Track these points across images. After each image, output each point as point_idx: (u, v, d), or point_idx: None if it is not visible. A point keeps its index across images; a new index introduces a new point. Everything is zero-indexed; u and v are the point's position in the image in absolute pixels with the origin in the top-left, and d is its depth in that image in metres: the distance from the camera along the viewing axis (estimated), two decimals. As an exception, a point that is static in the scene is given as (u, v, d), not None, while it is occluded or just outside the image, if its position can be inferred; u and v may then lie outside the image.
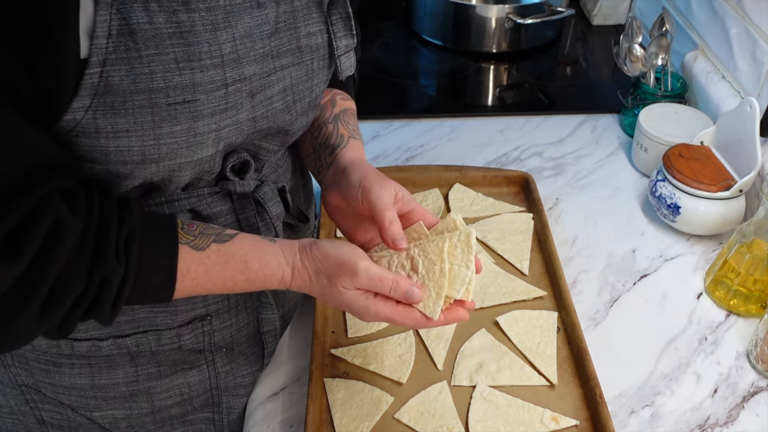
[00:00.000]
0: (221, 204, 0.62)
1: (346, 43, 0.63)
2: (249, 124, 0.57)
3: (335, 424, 0.68)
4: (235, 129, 0.56)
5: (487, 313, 0.79)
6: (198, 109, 0.51)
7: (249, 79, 0.55)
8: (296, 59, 0.59)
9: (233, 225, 0.63)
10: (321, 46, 0.61)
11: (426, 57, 1.36)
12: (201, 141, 0.53)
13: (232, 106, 0.54)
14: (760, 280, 0.78)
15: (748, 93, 0.95)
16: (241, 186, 0.61)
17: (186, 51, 0.49)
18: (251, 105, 0.56)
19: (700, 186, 0.85)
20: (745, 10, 0.94)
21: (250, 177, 0.62)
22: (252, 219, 0.64)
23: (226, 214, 0.63)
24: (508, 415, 0.68)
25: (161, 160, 0.52)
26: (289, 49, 0.58)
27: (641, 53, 1.05)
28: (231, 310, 0.67)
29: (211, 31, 0.50)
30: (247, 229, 0.63)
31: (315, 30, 0.60)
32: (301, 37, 0.59)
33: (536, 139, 1.10)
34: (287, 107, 0.60)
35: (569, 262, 0.88)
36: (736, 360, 0.76)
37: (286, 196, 0.67)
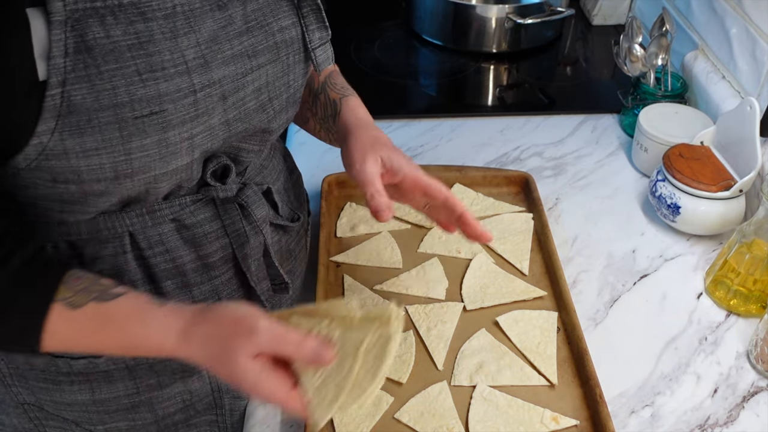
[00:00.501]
0: (205, 211, 0.61)
1: (320, 35, 0.62)
2: (223, 128, 0.56)
3: (335, 424, 0.68)
4: (209, 135, 0.55)
5: (487, 313, 0.79)
6: (167, 119, 0.50)
7: (219, 82, 0.53)
8: (273, 56, 0.58)
9: (219, 231, 0.62)
10: (295, 39, 0.60)
11: (426, 57, 1.36)
12: (174, 151, 0.52)
13: (203, 113, 0.53)
14: (760, 280, 0.78)
15: (748, 93, 0.95)
16: (224, 191, 0.61)
17: (147, 61, 0.48)
18: (223, 108, 0.55)
19: (700, 186, 0.85)
20: (745, 10, 0.94)
21: (232, 181, 0.61)
22: (238, 224, 0.62)
23: (210, 220, 0.62)
24: (508, 415, 0.68)
25: (135, 174, 0.51)
26: (266, 46, 0.57)
27: (641, 53, 1.05)
28: None
29: (171, 39, 0.50)
30: (234, 235, 0.63)
31: (288, 24, 0.59)
32: (276, 32, 0.58)
33: (536, 139, 1.10)
34: (262, 106, 0.59)
35: (569, 262, 0.88)
36: (736, 360, 0.76)
37: (273, 197, 0.67)
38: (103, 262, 0.58)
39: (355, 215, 0.92)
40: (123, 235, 0.58)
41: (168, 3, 0.49)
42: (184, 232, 0.60)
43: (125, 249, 0.58)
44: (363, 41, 1.37)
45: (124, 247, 0.58)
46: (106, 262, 0.58)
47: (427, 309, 0.79)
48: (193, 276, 0.62)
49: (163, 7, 0.49)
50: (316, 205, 0.94)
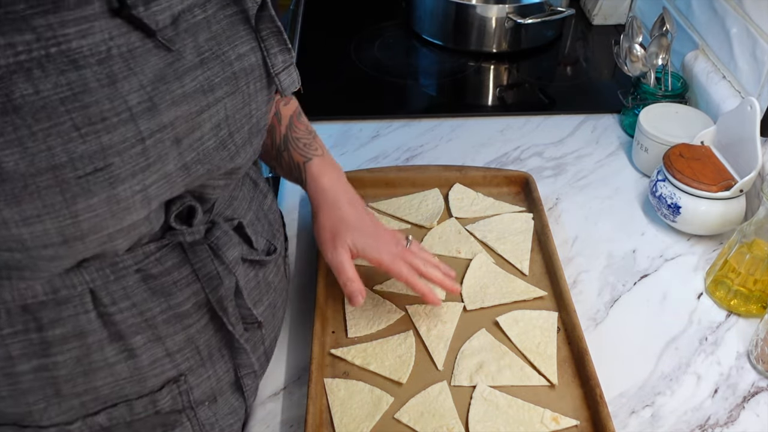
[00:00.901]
0: (172, 257, 0.56)
1: (283, 58, 0.57)
2: (181, 174, 0.51)
3: (335, 424, 0.68)
4: (165, 183, 0.50)
5: (487, 313, 0.79)
6: (114, 174, 0.46)
7: (171, 125, 0.48)
8: (232, 87, 0.53)
9: (189, 276, 0.57)
10: (256, 66, 0.55)
11: (426, 57, 1.36)
12: (126, 206, 0.48)
13: (155, 161, 0.48)
14: (760, 280, 0.78)
15: (749, 93, 0.95)
16: (191, 234, 0.56)
17: (85, 114, 0.43)
18: (178, 152, 0.50)
19: (700, 186, 0.85)
20: (746, 9, 0.94)
21: (199, 221, 0.57)
22: (209, 266, 0.58)
23: (179, 266, 0.57)
24: (508, 415, 0.68)
25: (86, 236, 0.47)
26: (223, 78, 0.52)
27: (641, 53, 1.05)
28: (205, 363, 0.61)
29: (109, 85, 0.44)
30: (206, 278, 0.58)
31: (246, 50, 0.54)
32: (233, 61, 0.52)
33: (536, 139, 1.10)
34: (222, 143, 0.54)
35: (569, 262, 0.87)
36: (737, 360, 0.76)
37: (245, 231, 0.62)
38: (63, 325, 0.53)
39: (355, 215, 0.92)
40: (83, 294, 0.53)
41: (102, 47, 0.44)
42: (151, 282, 0.56)
43: (87, 308, 0.53)
44: (363, 41, 1.37)
45: (85, 306, 0.53)
46: (66, 325, 0.53)
47: (427, 309, 0.79)
48: (165, 328, 0.57)
49: (96, 52, 0.44)
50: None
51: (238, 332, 0.61)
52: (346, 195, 0.76)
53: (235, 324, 0.61)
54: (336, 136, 1.10)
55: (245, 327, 0.63)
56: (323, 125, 1.13)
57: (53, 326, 0.52)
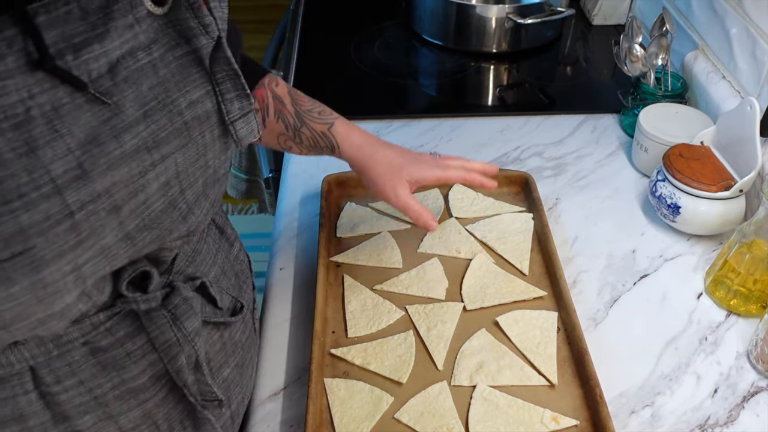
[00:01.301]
0: (124, 326, 0.51)
1: (240, 105, 0.50)
2: (122, 245, 0.45)
3: (335, 424, 0.68)
4: (103, 258, 0.44)
5: (487, 313, 0.79)
6: (37, 256, 0.39)
7: (107, 193, 0.42)
8: (183, 140, 0.46)
9: (144, 347, 0.52)
10: (211, 112, 0.48)
11: (426, 57, 1.36)
12: (56, 290, 0.42)
13: (88, 236, 0.42)
14: (760, 280, 0.78)
15: (749, 93, 0.95)
16: (146, 302, 0.50)
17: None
18: (118, 222, 0.43)
19: (700, 186, 0.85)
20: (746, 10, 0.94)
21: (155, 287, 0.51)
22: (167, 333, 0.51)
23: (132, 336, 0.51)
24: (508, 415, 0.68)
25: (10, 325, 0.41)
26: (172, 131, 0.45)
27: (641, 53, 1.05)
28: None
29: (27, 154, 0.37)
30: (164, 347, 0.52)
31: (199, 95, 0.47)
32: (184, 110, 0.45)
33: (536, 139, 1.10)
34: (171, 203, 0.47)
35: (569, 262, 0.88)
36: (737, 360, 0.76)
37: (209, 291, 0.57)
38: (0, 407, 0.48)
39: (355, 215, 0.92)
40: (22, 372, 0.47)
41: (19, 108, 0.37)
42: (101, 355, 0.50)
43: (26, 388, 0.48)
44: (363, 41, 1.37)
45: (24, 386, 0.47)
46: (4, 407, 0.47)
47: (427, 309, 0.79)
48: (117, 405, 0.52)
49: (11, 115, 0.36)
50: (316, 205, 0.94)
51: (200, 404, 0.56)
52: (377, 140, 0.77)
53: (197, 395, 0.56)
54: (336, 136, 1.10)
55: (204, 405, 0.57)
56: (323, 125, 1.13)
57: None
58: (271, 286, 0.85)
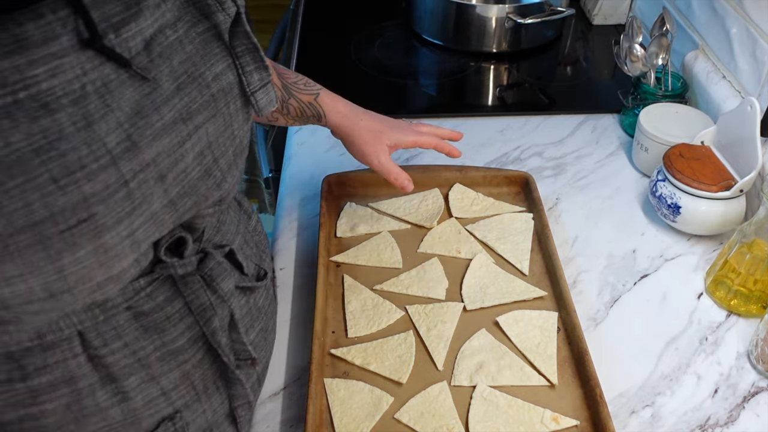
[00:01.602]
0: (163, 291, 0.53)
1: (260, 76, 0.54)
2: (168, 211, 0.48)
3: (335, 424, 0.68)
4: (152, 224, 0.47)
5: (487, 313, 0.79)
6: (99, 223, 0.42)
7: (154, 162, 0.45)
8: (212, 111, 0.49)
9: (182, 311, 0.55)
10: (233, 84, 0.52)
11: (426, 57, 1.36)
12: (115, 254, 0.45)
13: (140, 203, 0.45)
14: (760, 280, 0.78)
15: (749, 93, 0.95)
16: (182, 266, 0.53)
17: (62, 163, 0.40)
18: (163, 189, 0.47)
19: (700, 186, 0.85)
20: (746, 9, 0.94)
21: (190, 252, 0.54)
22: (202, 297, 0.55)
23: (171, 300, 0.54)
24: (508, 415, 0.68)
25: (72, 288, 0.44)
26: (202, 102, 0.48)
27: (641, 53, 1.05)
28: (201, 397, 0.59)
29: (85, 128, 0.40)
30: (199, 311, 0.55)
31: (222, 68, 0.50)
32: (211, 83, 0.49)
33: (536, 139, 1.10)
34: (207, 171, 0.51)
35: (569, 262, 0.87)
36: (737, 360, 0.76)
37: (236, 257, 0.59)
38: (51, 372, 0.49)
39: (355, 215, 0.92)
40: (71, 337, 0.49)
41: (75, 84, 0.40)
42: (143, 319, 0.53)
43: (76, 352, 0.50)
44: (363, 41, 1.37)
45: (74, 350, 0.50)
46: (54, 371, 0.50)
47: (427, 309, 0.79)
48: (159, 366, 0.55)
49: (69, 92, 0.40)
50: (316, 205, 0.94)
51: (233, 364, 0.59)
52: (359, 109, 0.85)
53: (230, 354, 0.58)
54: (336, 136, 1.10)
55: (238, 365, 0.61)
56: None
57: (40, 374, 0.49)
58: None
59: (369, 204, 0.94)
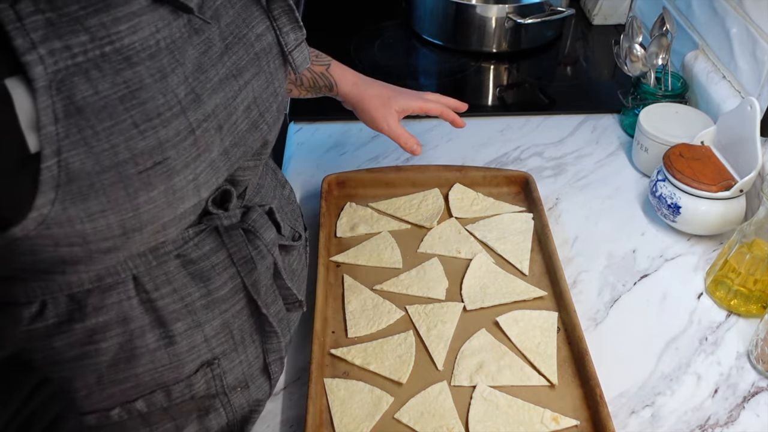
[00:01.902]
0: (209, 242, 0.58)
1: (295, 36, 0.59)
2: (223, 159, 0.53)
3: (335, 424, 0.68)
4: (211, 170, 0.52)
5: (487, 313, 0.79)
6: (170, 166, 0.47)
7: (213, 113, 0.50)
8: (256, 69, 0.55)
9: (226, 261, 0.59)
10: (273, 44, 0.57)
11: (426, 57, 1.36)
12: (181, 196, 0.49)
13: (203, 150, 0.50)
14: (760, 281, 0.78)
15: (749, 93, 0.95)
16: (228, 218, 0.57)
17: (142, 110, 0.45)
18: (220, 138, 0.52)
19: (700, 186, 0.85)
20: (746, 9, 0.94)
21: (234, 206, 0.58)
22: (244, 250, 0.59)
23: (216, 251, 0.58)
24: (508, 416, 0.68)
25: (144, 226, 0.48)
26: (248, 60, 0.53)
27: (641, 53, 1.05)
28: (238, 347, 0.62)
29: (161, 80, 0.45)
30: (241, 262, 0.60)
31: (263, 29, 0.56)
32: (254, 42, 0.54)
33: (536, 139, 1.10)
34: (254, 124, 0.56)
35: (569, 262, 0.87)
36: (737, 360, 0.76)
37: (275, 217, 0.63)
38: (107, 312, 0.54)
39: (355, 215, 0.92)
40: (127, 280, 0.54)
41: (151, 40, 0.45)
42: (191, 267, 0.57)
43: (129, 294, 0.54)
44: (363, 41, 1.37)
45: (128, 292, 0.54)
46: (110, 312, 0.54)
47: (427, 309, 0.79)
48: (204, 313, 0.58)
49: (147, 47, 0.45)
50: (316, 205, 0.94)
51: (271, 314, 0.63)
52: (367, 78, 0.90)
53: (268, 306, 0.63)
54: (336, 136, 1.10)
55: (288, 308, 0.66)
56: (323, 125, 1.13)
57: (97, 314, 0.53)
58: (271, 286, 0.85)
59: (369, 204, 0.94)
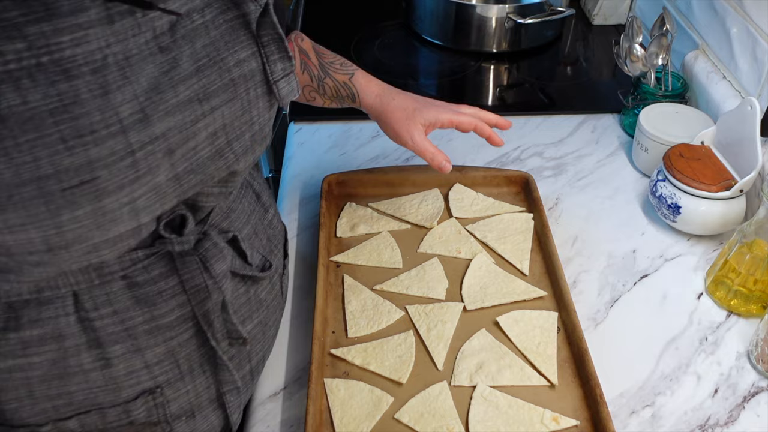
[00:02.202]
0: (160, 266, 0.55)
1: (283, 66, 0.55)
2: (172, 185, 0.50)
3: (335, 424, 0.68)
4: (155, 195, 0.49)
5: (487, 313, 0.79)
6: (100, 186, 0.45)
7: (164, 136, 0.47)
8: (230, 95, 0.51)
9: (176, 287, 0.56)
10: (256, 71, 0.53)
11: (426, 57, 1.36)
12: (113, 218, 0.47)
13: (145, 173, 0.47)
14: (760, 281, 0.78)
15: (749, 93, 0.95)
16: (180, 244, 0.54)
17: (73, 126, 0.42)
18: (170, 163, 0.49)
19: (700, 186, 0.85)
20: (746, 9, 0.94)
21: (190, 231, 0.55)
22: (198, 278, 0.55)
23: (166, 276, 0.55)
24: (508, 416, 0.68)
25: (70, 245, 0.46)
26: (220, 85, 0.50)
27: (641, 53, 1.05)
28: (185, 376, 0.60)
29: (101, 96, 0.43)
30: (193, 291, 0.56)
31: (246, 55, 0.52)
32: (232, 67, 0.51)
33: (536, 139, 1.10)
34: (219, 152, 0.53)
35: (569, 262, 0.87)
36: (737, 360, 0.76)
37: (239, 245, 0.60)
38: (42, 326, 0.52)
39: (355, 215, 0.92)
40: (66, 296, 0.52)
41: (97, 54, 0.42)
42: (136, 290, 0.54)
43: (68, 311, 0.52)
44: (363, 41, 1.37)
45: (66, 308, 0.52)
46: (45, 326, 0.52)
47: (427, 309, 0.79)
48: (146, 339, 0.56)
49: (90, 61, 0.42)
50: (316, 205, 0.94)
51: (221, 349, 0.60)
52: (394, 89, 0.83)
53: (220, 340, 0.59)
54: (336, 136, 1.10)
55: (230, 343, 0.61)
56: (323, 125, 1.13)
57: (32, 326, 0.52)
58: (271, 286, 0.85)
59: (369, 204, 0.94)
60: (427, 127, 0.80)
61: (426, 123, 0.80)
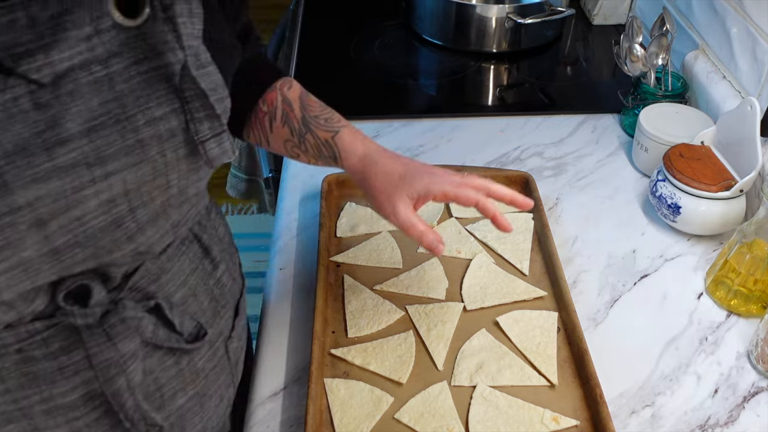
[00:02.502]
0: (60, 339, 0.49)
1: (210, 125, 0.47)
2: (47, 261, 0.44)
3: (335, 424, 0.68)
4: (22, 272, 0.43)
5: (487, 313, 0.79)
6: None
7: (30, 206, 0.40)
8: (135, 158, 0.44)
9: (80, 363, 0.50)
10: (176, 131, 0.46)
11: (426, 57, 1.36)
12: None
13: (2, 247, 0.41)
14: (760, 281, 0.78)
15: (749, 93, 0.95)
16: (83, 317, 0.48)
17: None
18: (43, 236, 0.42)
19: (700, 186, 0.85)
20: (746, 9, 0.94)
21: (97, 303, 0.48)
22: (107, 353, 0.49)
23: (68, 350, 0.49)
24: (508, 416, 0.68)
25: None
26: (122, 147, 0.43)
27: (641, 53, 1.05)
28: None
29: None
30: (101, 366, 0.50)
31: (163, 113, 0.45)
32: (141, 127, 0.44)
33: (536, 139, 1.10)
34: (115, 221, 0.46)
35: (569, 262, 0.87)
36: (737, 360, 0.76)
37: (164, 313, 0.54)
38: None
39: (355, 215, 0.92)
40: None
41: None
42: (32, 365, 0.48)
43: None
44: (363, 41, 1.37)
45: None
46: None
47: (427, 309, 0.79)
48: (43, 419, 0.50)
49: None
50: (316, 205, 0.94)
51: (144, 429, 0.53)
52: (385, 152, 0.67)
53: (137, 421, 0.53)
54: (336, 136, 1.10)
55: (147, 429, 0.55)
56: (323, 125, 1.12)
57: None
58: (271, 286, 0.85)
59: (368, 204, 0.93)
60: (417, 200, 0.65)
61: (414, 195, 0.64)
